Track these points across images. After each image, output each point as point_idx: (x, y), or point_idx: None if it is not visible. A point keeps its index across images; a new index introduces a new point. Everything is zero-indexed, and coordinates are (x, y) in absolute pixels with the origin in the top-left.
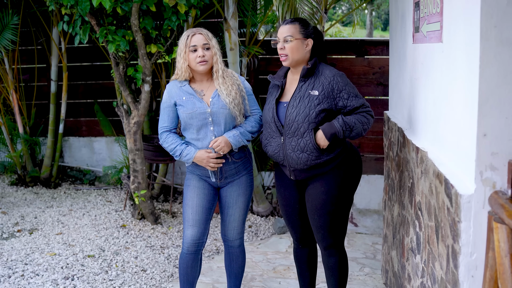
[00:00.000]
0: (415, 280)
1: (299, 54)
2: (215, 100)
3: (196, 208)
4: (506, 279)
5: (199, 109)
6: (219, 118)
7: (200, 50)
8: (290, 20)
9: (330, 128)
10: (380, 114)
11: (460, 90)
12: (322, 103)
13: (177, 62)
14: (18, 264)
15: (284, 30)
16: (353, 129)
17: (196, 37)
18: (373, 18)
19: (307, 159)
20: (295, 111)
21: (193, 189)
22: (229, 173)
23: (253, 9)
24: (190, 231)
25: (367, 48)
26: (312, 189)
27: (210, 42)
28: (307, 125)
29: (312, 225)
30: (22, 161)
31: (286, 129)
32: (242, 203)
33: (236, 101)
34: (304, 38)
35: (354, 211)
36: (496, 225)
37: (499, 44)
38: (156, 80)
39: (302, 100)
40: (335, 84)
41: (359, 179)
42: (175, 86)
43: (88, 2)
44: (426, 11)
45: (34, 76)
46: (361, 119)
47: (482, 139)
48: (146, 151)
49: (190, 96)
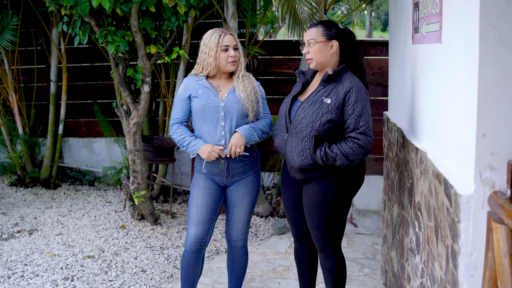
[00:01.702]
0: (415, 281)
1: (323, 56)
2: (230, 96)
3: (201, 207)
4: (506, 279)
5: (213, 102)
6: (231, 113)
7: (231, 50)
8: (314, 23)
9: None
10: (379, 114)
11: (460, 90)
12: (330, 112)
13: (202, 59)
14: (17, 265)
15: (307, 34)
16: (336, 160)
17: (227, 37)
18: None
19: (300, 163)
20: (302, 114)
21: (199, 188)
22: (236, 172)
23: (252, 9)
24: (193, 230)
25: (366, 49)
26: (308, 188)
27: (238, 43)
28: (309, 130)
29: (308, 225)
30: (22, 162)
31: (292, 128)
32: (248, 203)
33: (250, 97)
34: (327, 40)
35: (353, 211)
36: (496, 225)
37: (498, 45)
38: (156, 80)
39: (313, 105)
40: (348, 97)
41: (361, 184)
42: (192, 80)
43: (88, 2)
44: (426, 12)
45: (33, 77)
46: (344, 149)
47: (482, 139)
48: (146, 152)
49: (206, 90)
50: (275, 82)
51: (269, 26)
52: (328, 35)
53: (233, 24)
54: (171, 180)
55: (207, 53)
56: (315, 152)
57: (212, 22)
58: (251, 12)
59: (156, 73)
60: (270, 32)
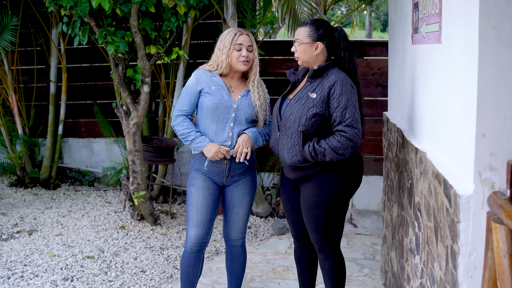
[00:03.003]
0: (414, 281)
1: (308, 56)
2: (243, 99)
3: (201, 208)
4: (505, 279)
5: (226, 102)
6: (242, 116)
7: (244, 50)
8: (303, 22)
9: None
10: (379, 115)
11: (459, 91)
12: (315, 106)
13: (216, 56)
14: (17, 265)
15: (296, 32)
16: (326, 155)
17: (243, 37)
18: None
19: (291, 160)
20: (290, 110)
21: (198, 188)
22: (236, 172)
23: (252, 10)
24: (194, 231)
25: (366, 49)
26: (305, 189)
27: (253, 45)
28: (296, 126)
29: (306, 226)
30: (22, 162)
31: (282, 125)
32: (247, 202)
33: (263, 106)
34: (312, 42)
35: (353, 212)
36: (495, 225)
37: (498, 45)
38: (156, 81)
39: (299, 101)
40: (332, 90)
41: (358, 184)
42: (205, 74)
43: (88, 3)
44: (425, 12)
45: (33, 77)
46: (332, 143)
47: (481, 140)
48: (146, 152)
49: (220, 88)
50: (274, 82)
51: (269, 26)
52: (313, 36)
53: (233, 24)
54: (171, 181)
55: (221, 50)
56: (304, 148)
57: (212, 22)
58: (250, 13)
59: (156, 73)
60: (269, 33)
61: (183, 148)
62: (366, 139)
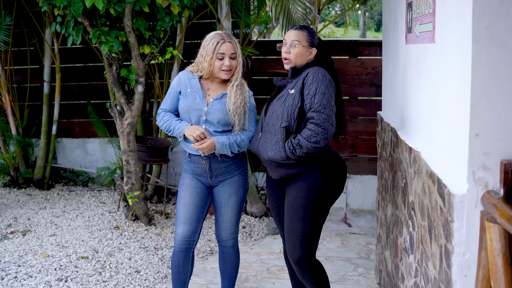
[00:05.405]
0: (409, 280)
1: (301, 60)
2: (216, 102)
3: (188, 206)
4: (499, 278)
5: (197, 105)
6: (213, 119)
7: (227, 59)
8: (299, 26)
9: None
10: (373, 114)
11: (453, 91)
12: (294, 99)
13: (199, 62)
14: (11, 266)
15: (291, 34)
16: (301, 146)
17: (225, 45)
18: (366, 18)
19: (274, 156)
20: (272, 109)
21: (186, 187)
22: (219, 172)
23: (246, 10)
24: (181, 228)
25: (360, 49)
26: (290, 191)
27: (237, 51)
28: (279, 122)
29: (285, 230)
30: (15, 163)
31: (265, 125)
32: (234, 203)
33: (239, 110)
34: (310, 47)
35: (347, 211)
36: (489, 224)
37: (491, 45)
38: (150, 81)
39: (281, 99)
40: (305, 81)
41: (341, 191)
42: (186, 76)
43: (81, 3)
44: (419, 12)
45: (27, 77)
46: (304, 132)
47: (475, 139)
48: (140, 152)
49: (195, 90)
50: (269, 82)
51: (263, 26)
52: (311, 41)
53: (227, 24)
54: (165, 181)
55: (204, 57)
56: (285, 144)
57: (206, 22)
58: (244, 12)
59: (150, 73)
60: (264, 32)
61: (177, 148)
62: (360, 139)
